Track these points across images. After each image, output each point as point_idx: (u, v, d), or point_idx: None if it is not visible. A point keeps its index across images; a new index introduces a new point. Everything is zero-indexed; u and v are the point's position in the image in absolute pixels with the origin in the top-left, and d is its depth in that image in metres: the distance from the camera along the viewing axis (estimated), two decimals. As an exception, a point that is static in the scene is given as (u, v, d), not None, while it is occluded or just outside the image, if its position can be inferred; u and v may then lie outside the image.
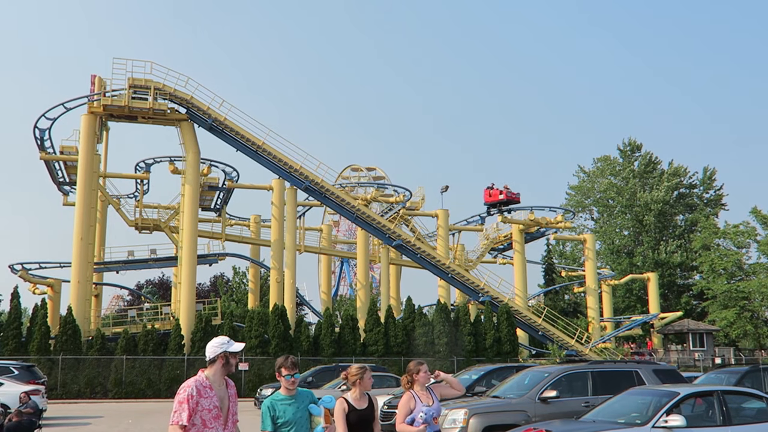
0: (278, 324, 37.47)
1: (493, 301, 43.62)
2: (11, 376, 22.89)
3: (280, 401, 6.09)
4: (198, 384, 5.32)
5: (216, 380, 5.43)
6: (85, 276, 37.25)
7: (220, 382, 5.48)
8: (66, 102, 38.45)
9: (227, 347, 5.48)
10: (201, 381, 5.36)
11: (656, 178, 72.29)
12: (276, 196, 42.32)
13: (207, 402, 5.30)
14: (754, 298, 55.39)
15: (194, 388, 5.28)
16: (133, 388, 34.57)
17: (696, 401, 10.28)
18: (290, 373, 6.08)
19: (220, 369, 5.46)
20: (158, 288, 65.37)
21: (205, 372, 5.45)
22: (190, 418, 5.20)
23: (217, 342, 5.49)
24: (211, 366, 5.45)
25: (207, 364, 5.47)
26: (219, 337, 5.55)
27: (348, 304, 64.44)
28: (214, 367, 5.45)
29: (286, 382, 6.09)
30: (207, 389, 5.34)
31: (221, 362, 5.45)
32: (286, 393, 6.13)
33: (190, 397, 5.22)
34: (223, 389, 5.50)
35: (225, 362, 5.46)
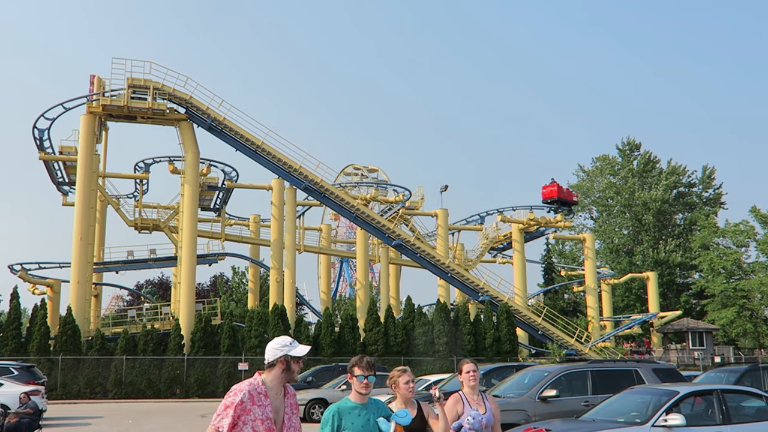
0: (278, 324, 37.46)
1: (492, 300, 43.63)
2: (11, 376, 22.90)
3: (349, 409, 5.21)
4: (252, 389, 4.55)
5: (273, 387, 4.66)
6: (85, 276, 37.25)
7: (278, 389, 4.70)
8: (65, 102, 38.46)
9: (289, 350, 4.69)
10: (256, 386, 4.59)
11: (655, 177, 72.30)
12: (275, 196, 42.32)
13: (260, 411, 4.52)
14: (753, 297, 55.42)
15: (247, 393, 4.50)
16: (133, 389, 34.57)
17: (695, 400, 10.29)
18: (365, 373, 5.25)
19: (280, 375, 4.67)
20: (158, 288, 65.33)
21: (262, 375, 4.69)
22: (234, 426, 4.45)
23: (278, 343, 4.74)
24: (269, 370, 4.70)
25: (265, 368, 4.74)
26: (281, 338, 4.80)
27: (348, 304, 64.46)
28: (272, 372, 4.69)
29: (359, 384, 5.26)
30: (262, 396, 4.56)
31: (281, 367, 4.66)
32: (358, 399, 5.27)
33: (239, 403, 4.45)
34: (281, 399, 4.71)
35: (286, 368, 4.67)
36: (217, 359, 36.23)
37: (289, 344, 4.73)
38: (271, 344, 4.74)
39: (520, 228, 50.13)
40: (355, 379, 5.29)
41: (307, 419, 23.11)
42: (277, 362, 4.67)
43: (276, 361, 4.67)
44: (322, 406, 23.51)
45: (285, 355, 4.68)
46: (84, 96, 39.05)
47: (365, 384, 5.24)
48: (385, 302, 47.56)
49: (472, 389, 6.76)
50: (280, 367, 4.67)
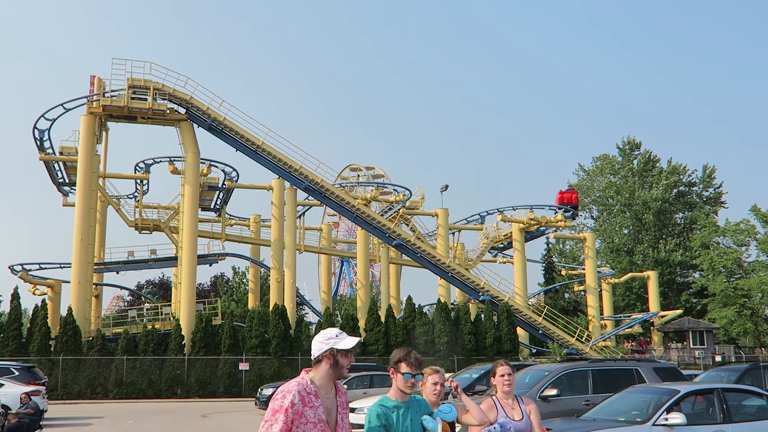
0: (278, 324, 37.48)
1: (493, 299, 43.64)
2: (12, 376, 22.90)
3: (392, 408, 4.79)
4: (301, 389, 4.10)
5: (323, 385, 4.21)
6: (86, 276, 37.26)
7: (328, 388, 4.25)
8: (65, 102, 38.48)
9: (335, 343, 4.25)
10: (305, 385, 4.14)
11: (655, 176, 72.27)
12: (276, 196, 42.32)
13: (312, 413, 4.05)
14: (754, 295, 55.41)
15: (296, 394, 4.04)
16: (134, 389, 34.58)
17: (696, 399, 10.30)
18: (412, 372, 4.79)
19: (328, 371, 4.24)
20: (158, 288, 65.36)
21: (309, 373, 4.26)
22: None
23: (323, 336, 4.31)
24: (316, 367, 4.28)
25: (312, 365, 4.33)
26: (327, 330, 4.35)
27: (348, 304, 64.47)
28: (320, 369, 4.25)
29: (405, 383, 4.79)
30: (312, 396, 4.11)
31: (328, 363, 4.24)
32: (399, 398, 4.83)
33: (290, 405, 3.99)
34: (332, 398, 4.27)
35: (333, 363, 4.24)
36: (217, 359, 36.24)
37: (335, 336, 4.28)
38: (316, 338, 4.34)
39: (521, 227, 50.12)
40: (399, 376, 4.82)
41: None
42: (323, 357, 4.26)
43: (322, 357, 4.26)
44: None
45: (331, 348, 4.24)
46: (84, 96, 39.07)
47: (411, 384, 4.79)
48: (386, 302, 47.56)
49: (506, 394, 6.24)
50: (327, 362, 4.25)
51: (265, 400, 26.00)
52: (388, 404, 4.80)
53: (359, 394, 22.68)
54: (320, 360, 4.27)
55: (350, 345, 4.24)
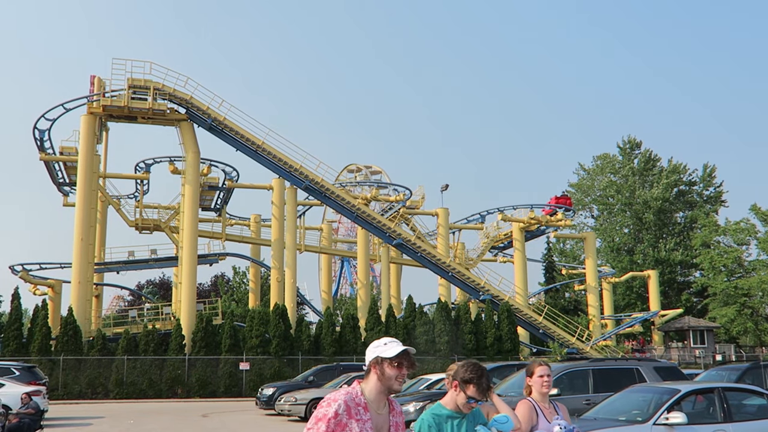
0: (279, 323, 37.49)
1: (493, 299, 43.64)
2: (12, 377, 22.90)
3: (445, 417, 4.50)
4: (350, 399, 3.79)
5: (374, 399, 3.86)
6: (86, 276, 37.27)
7: (380, 402, 3.89)
8: (65, 102, 38.49)
9: (382, 351, 3.87)
10: (354, 396, 3.82)
11: (656, 175, 72.25)
12: (276, 196, 42.33)
13: (358, 427, 3.75)
14: (754, 295, 55.40)
15: (342, 404, 3.74)
16: (135, 389, 34.59)
17: (697, 398, 10.29)
18: (478, 398, 4.50)
19: (376, 383, 3.87)
20: (159, 288, 65.37)
21: (361, 384, 3.93)
22: None
23: (373, 344, 3.99)
24: (367, 377, 3.93)
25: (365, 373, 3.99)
26: (383, 338, 4.02)
27: (349, 304, 64.46)
28: (369, 380, 3.90)
29: (465, 405, 4.52)
30: (361, 409, 3.78)
31: (375, 373, 3.86)
32: (454, 407, 4.53)
33: (333, 415, 3.72)
34: (384, 415, 3.91)
35: (380, 373, 3.85)
36: (218, 359, 36.25)
37: (384, 344, 3.91)
38: (368, 349, 4.00)
39: (521, 227, 50.11)
40: (462, 396, 4.49)
41: (308, 419, 23.10)
42: (370, 367, 3.88)
43: (370, 366, 3.89)
44: (324, 405, 23.48)
45: (377, 357, 3.86)
46: (84, 96, 39.07)
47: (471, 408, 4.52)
48: (386, 301, 47.56)
49: (543, 396, 5.81)
50: (374, 372, 3.87)
51: (266, 399, 26.02)
52: (441, 413, 4.49)
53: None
54: (369, 370, 3.92)
55: (394, 353, 3.82)
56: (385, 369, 3.84)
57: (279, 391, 25.72)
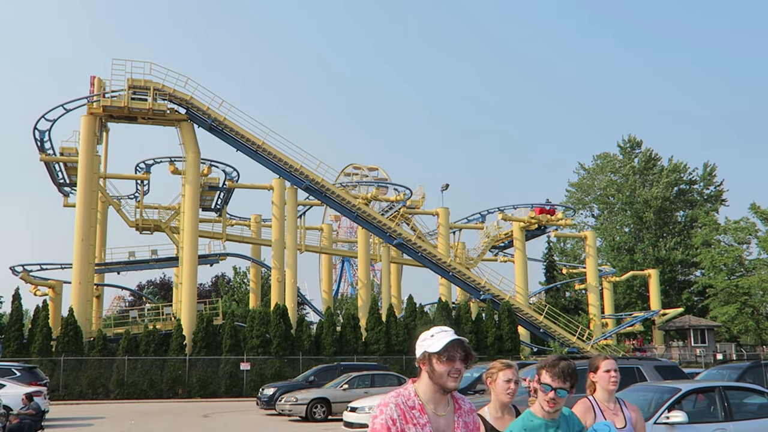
0: (280, 323, 37.49)
1: (494, 299, 43.62)
2: (13, 377, 22.90)
3: (536, 428, 3.94)
4: (402, 401, 3.30)
5: (431, 399, 3.34)
6: (86, 277, 37.27)
7: (440, 402, 3.36)
8: (66, 103, 38.47)
9: (429, 344, 3.35)
10: (407, 397, 3.32)
11: (656, 174, 72.24)
12: (276, 196, 42.33)
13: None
14: (755, 293, 55.38)
15: (394, 407, 3.26)
16: (135, 389, 34.59)
17: (698, 397, 10.28)
18: (554, 384, 3.87)
19: (428, 381, 3.35)
20: (159, 288, 65.40)
21: (414, 383, 3.43)
22: None
23: (421, 337, 3.46)
24: (419, 375, 3.45)
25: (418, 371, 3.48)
26: (432, 329, 3.46)
27: (349, 303, 64.46)
28: (421, 378, 3.41)
29: (543, 396, 3.93)
30: (416, 412, 3.28)
31: (425, 370, 3.37)
32: (544, 414, 3.94)
33: (389, 423, 3.22)
34: (447, 415, 3.38)
35: (430, 371, 3.34)
36: (219, 359, 36.24)
37: (431, 337, 3.38)
38: (417, 340, 3.47)
39: (522, 226, 50.10)
40: (539, 387, 3.96)
41: (309, 419, 23.11)
42: (420, 364, 3.41)
43: (419, 362, 3.41)
44: (324, 405, 23.51)
45: (423, 353, 3.36)
46: (84, 97, 39.06)
47: (552, 398, 3.87)
48: (387, 301, 47.55)
49: (609, 394, 5.13)
50: (425, 369, 3.37)
51: (267, 399, 26.02)
52: (532, 423, 3.93)
53: (360, 394, 22.69)
54: (420, 367, 3.42)
55: (441, 346, 3.27)
56: (434, 365, 3.30)
57: (280, 391, 25.72)
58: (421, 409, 3.30)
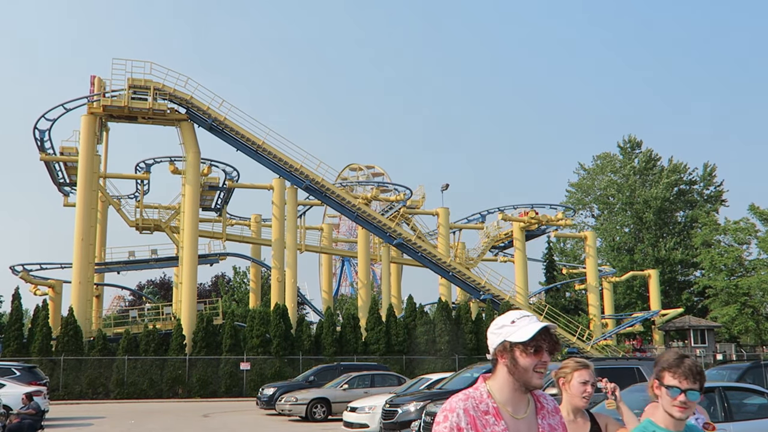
0: (280, 323, 37.49)
1: (494, 299, 43.63)
2: (13, 377, 22.90)
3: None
4: (471, 405, 2.71)
5: (509, 399, 2.77)
6: (86, 277, 37.27)
7: (520, 402, 2.79)
8: (66, 103, 38.48)
9: (509, 332, 2.76)
10: (478, 400, 2.74)
11: (656, 174, 72.23)
12: (276, 196, 42.33)
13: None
14: (754, 294, 55.39)
15: (462, 413, 2.67)
16: (135, 389, 34.60)
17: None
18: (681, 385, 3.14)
19: (507, 378, 2.76)
20: (159, 288, 65.40)
21: (488, 381, 2.84)
22: None
23: (497, 323, 2.85)
24: (494, 371, 2.84)
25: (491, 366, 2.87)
26: (508, 313, 2.86)
27: (349, 303, 64.45)
28: (497, 374, 2.81)
29: (670, 401, 3.16)
30: (490, 417, 2.71)
31: (504, 364, 2.77)
32: (670, 425, 3.19)
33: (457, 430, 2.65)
34: (529, 418, 2.80)
35: (511, 364, 2.74)
36: (219, 359, 36.25)
37: (510, 323, 2.78)
38: (489, 330, 2.88)
39: (522, 226, 50.11)
40: (664, 392, 3.19)
41: (308, 419, 23.11)
42: (496, 357, 2.81)
43: (495, 356, 2.81)
44: (324, 405, 23.51)
45: (503, 342, 2.76)
46: (85, 97, 39.07)
47: (681, 403, 3.13)
48: (387, 301, 47.56)
49: None
50: (502, 363, 2.78)
51: (267, 399, 26.03)
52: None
53: (360, 394, 22.68)
54: (495, 360, 2.83)
55: (529, 334, 2.69)
56: (517, 358, 2.72)
57: (280, 391, 25.73)
58: (496, 413, 2.72)
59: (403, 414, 16.12)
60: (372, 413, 18.37)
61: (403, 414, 16.15)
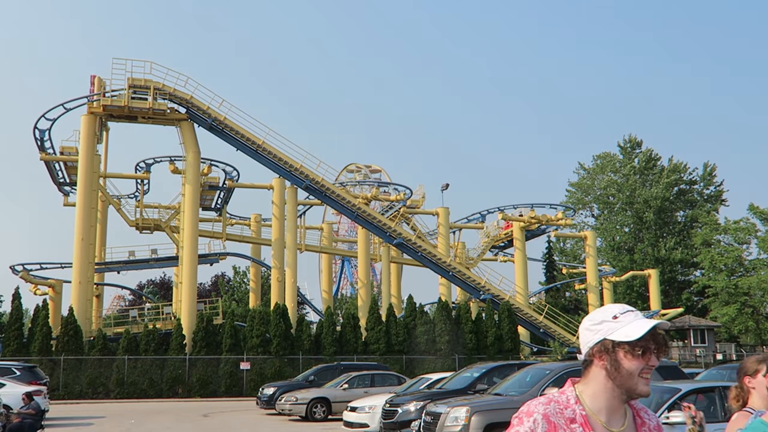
0: (280, 323, 37.50)
1: (494, 298, 43.62)
2: (13, 376, 22.89)
3: None
4: (552, 411, 2.31)
5: (604, 407, 2.35)
6: (86, 276, 37.27)
7: (614, 412, 2.36)
8: (66, 102, 38.48)
9: (610, 330, 2.33)
10: (563, 405, 2.34)
11: (656, 174, 72.26)
12: (276, 195, 42.33)
13: None
14: (754, 294, 55.40)
15: (540, 420, 2.28)
16: (135, 389, 34.61)
17: (698, 397, 10.30)
18: None
19: (605, 383, 2.34)
20: (159, 288, 65.40)
21: (577, 385, 2.42)
22: None
23: (593, 318, 2.41)
24: (586, 373, 2.40)
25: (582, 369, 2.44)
26: (607, 307, 2.42)
27: (349, 303, 64.43)
28: (590, 377, 2.38)
29: None
30: (576, 427, 2.30)
31: (601, 367, 2.34)
32: None
33: None
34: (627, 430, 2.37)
35: (612, 367, 2.31)
36: (219, 359, 36.25)
37: (612, 319, 2.33)
38: (582, 325, 2.43)
39: (521, 226, 50.11)
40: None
41: (308, 418, 23.12)
42: (592, 357, 2.36)
43: (591, 356, 2.37)
44: (324, 405, 23.51)
45: (603, 341, 2.32)
46: (84, 96, 39.07)
47: None
48: (387, 301, 47.55)
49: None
50: (599, 365, 2.33)
51: (267, 399, 26.03)
52: None
53: (360, 393, 22.67)
54: (589, 362, 2.38)
55: (639, 333, 2.25)
56: (620, 360, 2.28)
57: (280, 391, 25.74)
58: (585, 422, 2.29)
59: (403, 414, 16.12)
60: (372, 413, 18.38)
61: (403, 414, 16.15)
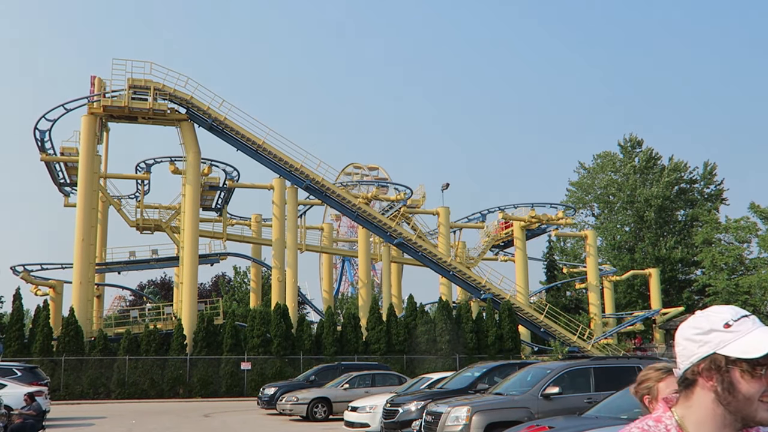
0: (280, 323, 37.50)
1: (494, 298, 43.62)
2: (14, 377, 22.91)
3: None
4: None
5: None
6: (87, 277, 37.29)
7: None
8: (66, 103, 38.48)
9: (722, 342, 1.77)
10: None
11: (657, 173, 72.20)
12: (277, 196, 42.33)
13: None
14: (755, 293, 55.35)
15: None
16: (136, 389, 34.62)
17: None
18: None
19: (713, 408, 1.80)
20: (160, 288, 65.40)
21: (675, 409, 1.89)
22: None
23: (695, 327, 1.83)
24: (689, 395, 1.86)
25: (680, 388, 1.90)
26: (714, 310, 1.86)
27: (350, 303, 64.46)
28: (694, 400, 1.85)
29: None
30: None
31: (710, 389, 1.80)
32: None
33: None
34: None
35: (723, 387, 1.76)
36: (219, 359, 36.26)
37: (723, 328, 1.79)
38: (681, 330, 1.88)
39: (522, 225, 50.10)
40: None
41: (309, 418, 23.12)
42: (695, 376, 1.84)
43: (693, 374, 1.84)
44: (325, 405, 23.51)
45: (713, 356, 1.79)
46: (85, 97, 39.07)
47: None
48: (387, 301, 47.55)
49: None
50: (707, 386, 1.81)
51: (267, 399, 26.04)
52: None
53: (361, 393, 22.67)
54: (691, 381, 1.86)
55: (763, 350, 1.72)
56: (736, 381, 1.76)
57: (280, 391, 25.74)
58: None
59: (404, 413, 16.13)
60: (373, 413, 18.39)
61: (404, 413, 16.15)
